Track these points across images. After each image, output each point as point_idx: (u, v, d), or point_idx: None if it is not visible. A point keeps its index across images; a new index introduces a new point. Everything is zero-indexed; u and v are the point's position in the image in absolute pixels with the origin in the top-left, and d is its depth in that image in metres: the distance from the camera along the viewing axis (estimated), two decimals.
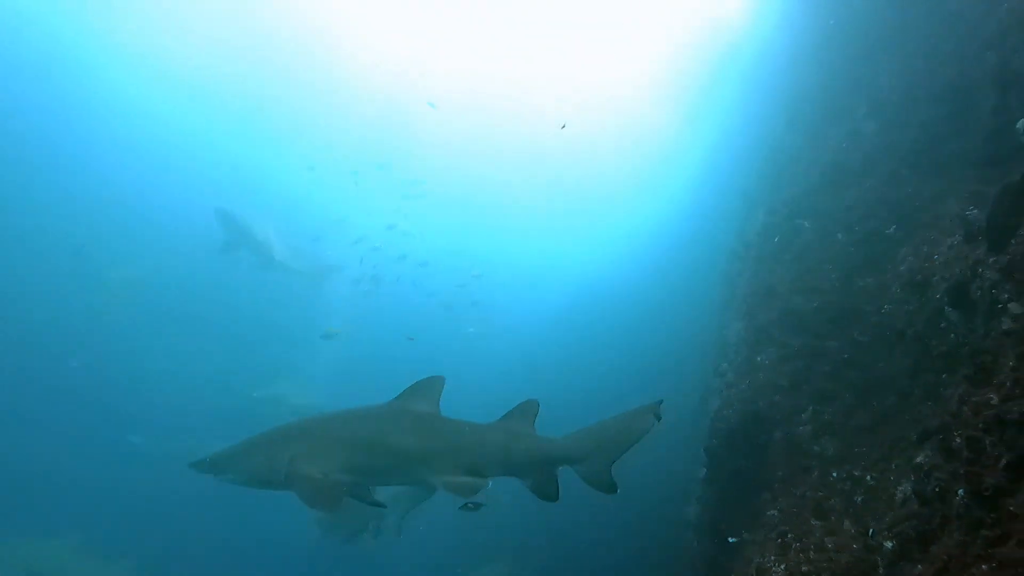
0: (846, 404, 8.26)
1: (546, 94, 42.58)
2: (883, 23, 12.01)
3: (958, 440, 5.03)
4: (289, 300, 33.45)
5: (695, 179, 27.10)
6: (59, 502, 22.72)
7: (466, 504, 7.53)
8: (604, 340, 26.13)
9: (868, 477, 7.02)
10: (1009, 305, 5.45)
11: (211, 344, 32.15)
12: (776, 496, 8.11)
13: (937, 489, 5.05)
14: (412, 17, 40.93)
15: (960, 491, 4.66)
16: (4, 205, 33.09)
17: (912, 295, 7.78)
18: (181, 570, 21.33)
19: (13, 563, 20.22)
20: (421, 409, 7.41)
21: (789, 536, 7.12)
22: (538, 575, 18.88)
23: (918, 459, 5.69)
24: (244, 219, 23.95)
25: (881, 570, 5.62)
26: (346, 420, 7.54)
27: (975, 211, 7.00)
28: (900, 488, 6.07)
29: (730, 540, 8.30)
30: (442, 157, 44.77)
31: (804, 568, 6.49)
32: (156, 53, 41.22)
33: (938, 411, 6.10)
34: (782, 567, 6.70)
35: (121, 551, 21.66)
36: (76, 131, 39.78)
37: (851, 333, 8.83)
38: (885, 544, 5.65)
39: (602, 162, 43.79)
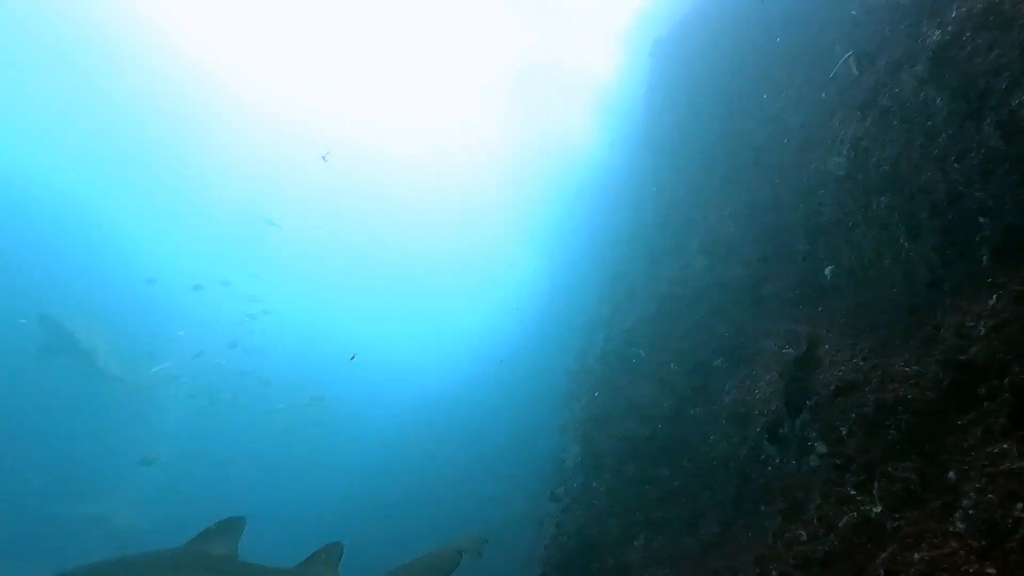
0: (675, 532, 8.42)
1: (391, 217, 43.44)
2: (713, 167, 12.87)
3: (774, 574, 5.20)
4: (117, 412, 31.44)
5: (541, 301, 27.63)
6: None
7: None
8: (438, 460, 25.55)
9: None
10: (816, 444, 5.78)
11: (23, 457, 29.50)
12: None
13: None
14: (259, 136, 41.34)
15: None
16: None
17: (735, 427, 8.13)
18: None
19: None
20: (218, 552, 7.06)
21: None
22: None
23: None
24: (68, 325, 22.92)
25: None
26: (135, 565, 6.99)
27: (790, 350, 7.45)
28: None
29: None
30: (287, 275, 44.52)
31: None
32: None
33: (757, 542, 6.30)
34: None
35: None
36: None
37: (681, 461, 9.08)
38: None
39: (446, 281, 44.59)
